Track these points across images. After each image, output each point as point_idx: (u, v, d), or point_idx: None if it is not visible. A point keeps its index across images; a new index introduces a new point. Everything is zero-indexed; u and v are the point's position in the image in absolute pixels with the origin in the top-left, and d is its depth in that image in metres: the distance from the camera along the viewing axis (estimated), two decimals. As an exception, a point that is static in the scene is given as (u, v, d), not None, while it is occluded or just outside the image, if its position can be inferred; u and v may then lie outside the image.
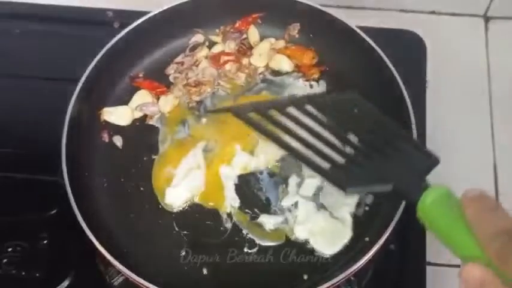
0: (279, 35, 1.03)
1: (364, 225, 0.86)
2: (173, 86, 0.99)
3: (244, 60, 1.01)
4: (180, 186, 0.90)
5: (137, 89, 0.99)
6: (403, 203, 0.79)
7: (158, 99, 0.98)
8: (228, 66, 1.00)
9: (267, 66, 1.01)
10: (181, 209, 0.89)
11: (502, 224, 0.50)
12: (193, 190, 0.90)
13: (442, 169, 1.00)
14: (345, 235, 0.86)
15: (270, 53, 1.01)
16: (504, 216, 0.51)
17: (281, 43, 1.02)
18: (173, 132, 0.95)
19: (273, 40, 1.02)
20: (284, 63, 1.00)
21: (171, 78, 1.00)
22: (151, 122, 0.97)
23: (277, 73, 1.01)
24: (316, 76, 0.99)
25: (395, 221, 0.79)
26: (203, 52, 1.02)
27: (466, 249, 0.51)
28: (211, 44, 1.03)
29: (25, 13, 1.12)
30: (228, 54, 1.01)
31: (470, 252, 0.51)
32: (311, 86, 0.98)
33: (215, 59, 1.01)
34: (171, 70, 1.01)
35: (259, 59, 1.01)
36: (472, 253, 0.51)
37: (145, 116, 0.97)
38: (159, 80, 1.00)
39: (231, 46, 1.02)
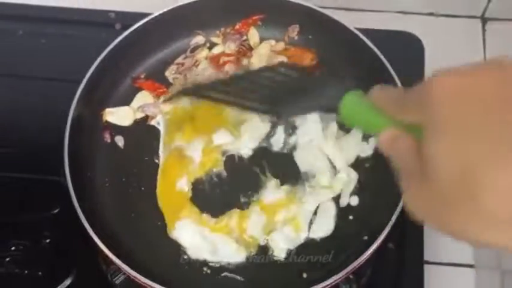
0: (278, 36, 1.03)
1: (363, 224, 0.87)
2: (173, 87, 1.00)
3: (244, 61, 1.02)
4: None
5: (139, 89, 1.00)
6: (401, 202, 0.80)
7: (159, 100, 0.99)
8: (227, 67, 1.01)
9: (266, 67, 1.02)
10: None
11: (398, 90, 0.57)
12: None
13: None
14: None
15: (270, 55, 1.02)
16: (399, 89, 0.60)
17: (281, 45, 1.03)
18: (173, 138, 0.95)
19: (273, 42, 1.03)
20: (284, 65, 1.01)
21: (170, 79, 1.01)
22: (152, 123, 0.97)
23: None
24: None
25: (393, 220, 0.80)
26: (203, 53, 1.03)
27: (379, 125, 0.56)
28: (212, 46, 1.04)
29: (28, 14, 1.12)
30: (228, 55, 1.02)
31: (383, 125, 0.56)
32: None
33: (215, 60, 1.01)
34: (171, 71, 1.01)
35: (259, 60, 1.02)
36: (385, 125, 0.55)
37: (146, 117, 0.98)
38: (161, 81, 1.00)
39: (231, 47, 1.03)
